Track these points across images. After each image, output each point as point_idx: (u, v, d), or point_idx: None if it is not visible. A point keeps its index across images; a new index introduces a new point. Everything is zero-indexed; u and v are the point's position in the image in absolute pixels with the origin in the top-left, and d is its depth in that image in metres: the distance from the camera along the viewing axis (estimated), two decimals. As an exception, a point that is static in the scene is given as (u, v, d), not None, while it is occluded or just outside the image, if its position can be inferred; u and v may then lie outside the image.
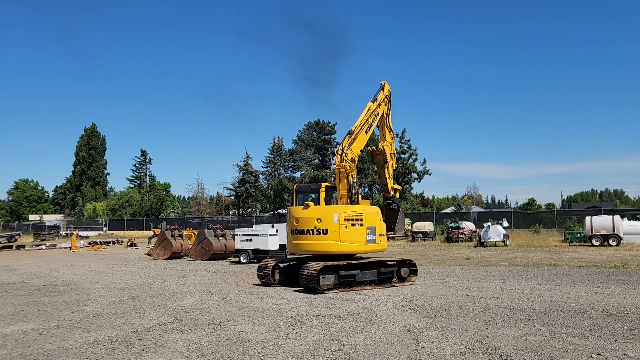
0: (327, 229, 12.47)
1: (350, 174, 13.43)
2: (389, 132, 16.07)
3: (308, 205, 13.03)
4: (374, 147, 15.98)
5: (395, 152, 16.45)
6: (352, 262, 12.69)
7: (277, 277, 13.63)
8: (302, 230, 12.87)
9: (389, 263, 13.37)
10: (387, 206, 15.94)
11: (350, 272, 12.51)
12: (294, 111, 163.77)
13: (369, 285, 12.80)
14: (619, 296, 11.07)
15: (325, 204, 13.52)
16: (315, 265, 12.05)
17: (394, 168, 16.51)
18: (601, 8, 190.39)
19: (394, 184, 16.26)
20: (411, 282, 13.55)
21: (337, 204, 13.57)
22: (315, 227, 12.63)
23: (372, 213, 13.15)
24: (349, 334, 7.72)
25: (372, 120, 14.90)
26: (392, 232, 16.02)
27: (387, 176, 15.74)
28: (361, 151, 14.55)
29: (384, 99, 15.49)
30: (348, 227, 12.47)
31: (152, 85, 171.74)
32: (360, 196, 13.72)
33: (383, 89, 15.66)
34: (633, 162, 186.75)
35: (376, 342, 7.23)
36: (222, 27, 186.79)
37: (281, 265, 13.86)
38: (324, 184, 14.18)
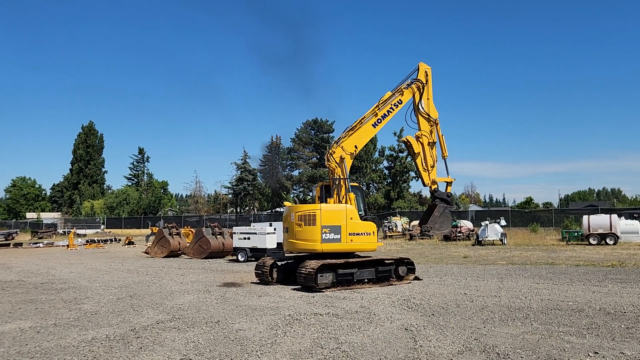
0: (287, 228, 13.28)
1: (334, 172, 13.44)
2: (425, 119, 14.51)
3: (284, 206, 13.76)
4: (404, 139, 14.83)
5: (434, 140, 14.77)
6: (350, 260, 12.71)
7: (275, 275, 13.65)
8: (284, 229, 13.82)
9: (386, 262, 13.38)
10: (432, 201, 14.84)
11: (348, 270, 12.52)
12: (293, 110, 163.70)
13: (367, 284, 12.80)
14: (616, 295, 11.09)
15: (321, 203, 13.57)
16: (313, 264, 12.06)
17: (445, 157, 14.82)
18: (601, 8, 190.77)
19: (436, 176, 14.74)
20: (409, 281, 13.57)
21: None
22: (284, 226, 13.60)
23: (333, 211, 12.70)
24: (347, 333, 7.73)
25: (388, 111, 13.96)
26: (424, 230, 14.84)
27: (420, 168, 14.57)
28: (355, 147, 14.08)
29: (412, 83, 14.14)
30: (302, 225, 12.73)
31: (151, 83, 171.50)
32: (350, 194, 13.26)
33: (418, 70, 14.24)
34: (631, 161, 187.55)
35: (374, 340, 7.23)
36: (214, 24, 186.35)
37: (279, 263, 13.87)
38: (319, 183, 14.36)
